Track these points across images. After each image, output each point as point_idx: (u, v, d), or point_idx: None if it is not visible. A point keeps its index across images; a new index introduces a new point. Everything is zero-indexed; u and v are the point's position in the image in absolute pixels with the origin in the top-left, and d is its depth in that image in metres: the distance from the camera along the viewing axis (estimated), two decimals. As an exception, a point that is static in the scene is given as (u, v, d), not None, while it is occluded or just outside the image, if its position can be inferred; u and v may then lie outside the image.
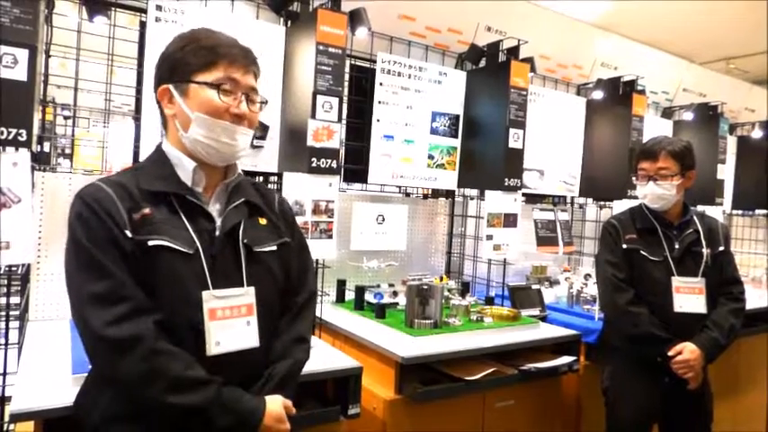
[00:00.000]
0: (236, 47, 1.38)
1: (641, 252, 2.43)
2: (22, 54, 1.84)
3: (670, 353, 2.30)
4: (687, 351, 2.29)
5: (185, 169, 1.36)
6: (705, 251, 2.43)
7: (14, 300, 2.17)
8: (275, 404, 1.36)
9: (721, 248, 2.48)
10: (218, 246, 1.35)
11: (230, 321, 1.32)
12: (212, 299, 1.30)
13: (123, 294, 1.22)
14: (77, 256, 1.24)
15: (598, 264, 2.58)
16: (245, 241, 1.39)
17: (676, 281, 2.39)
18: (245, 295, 1.36)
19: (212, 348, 1.29)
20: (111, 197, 1.27)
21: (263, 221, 1.48)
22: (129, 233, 1.25)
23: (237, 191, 1.44)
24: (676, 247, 2.43)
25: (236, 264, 1.37)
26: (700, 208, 4.21)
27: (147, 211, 1.28)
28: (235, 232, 1.38)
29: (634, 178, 2.50)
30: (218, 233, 1.35)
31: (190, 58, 1.34)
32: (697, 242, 2.44)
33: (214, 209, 1.39)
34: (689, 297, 2.38)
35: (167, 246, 1.27)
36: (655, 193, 2.41)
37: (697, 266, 2.42)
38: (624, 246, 2.45)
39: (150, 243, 1.25)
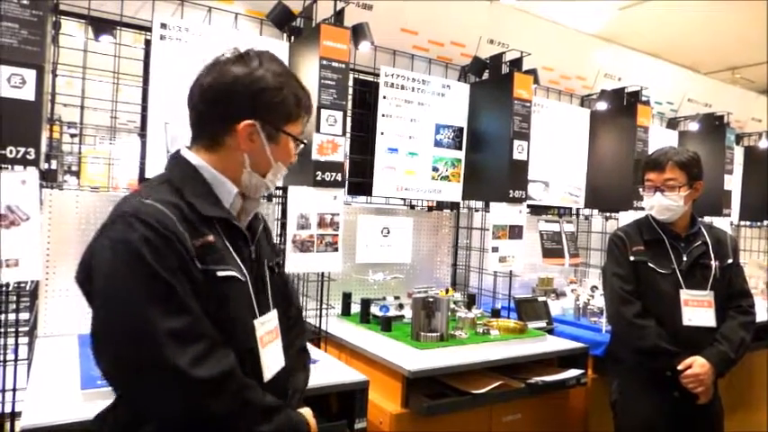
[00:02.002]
0: (309, 98, 1.39)
1: (649, 264, 2.40)
2: (30, 74, 1.87)
3: (679, 367, 2.26)
4: (697, 365, 2.25)
5: (228, 193, 1.30)
6: (714, 263, 2.39)
7: (24, 316, 2.18)
8: (309, 415, 1.42)
9: (730, 261, 2.44)
10: (257, 271, 1.35)
11: (271, 345, 1.35)
12: (260, 326, 1.31)
13: (202, 330, 1.14)
14: (151, 287, 1.10)
15: (605, 276, 2.56)
16: (270, 264, 1.41)
17: (684, 294, 2.35)
18: (274, 318, 1.38)
19: (267, 374, 1.31)
20: (173, 221, 1.16)
21: (265, 242, 1.49)
22: (197, 263, 1.17)
23: (255, 215, 1.43)
24: (684, 259, 2.39)
25: (264, 287, 1.38)
26: (707, 219, 4.20)
27: (210, 238, 1.21)
28: (261, 256, 1.39)
29: (641, 189, 2.49)
30: (254, 257, 1.35)
31: (287, 107, 1.31)
32: (705, 254, 2.41)
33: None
34: (697, 310, 2.35)
35: (234, 276, 1.24)
36: (662, 204, 2.38)
37: (705, 279, 2.38)
38: (631, 258, 2.43)
39: (220, 274, 1.21)
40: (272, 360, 1.33)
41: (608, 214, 4.32)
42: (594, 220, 4.43)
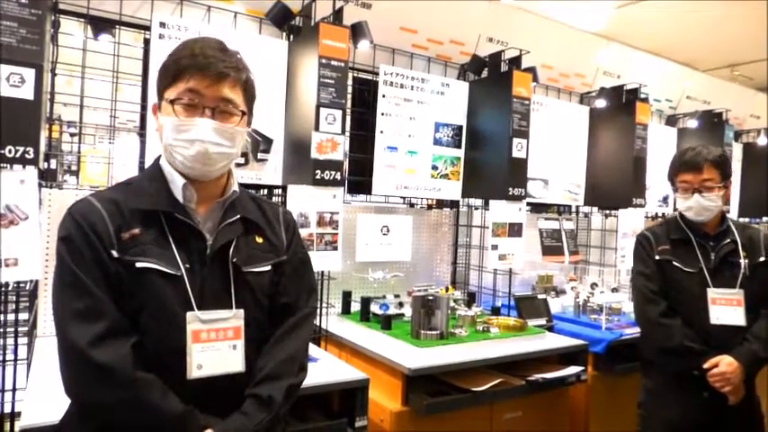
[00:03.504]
0: (205, 55, 1.27)
1: (674, 263, 2.35)
2: (29, 73, 1.87)
3: (705, 365, 2.21)
4: (724, 364, 2.19)
5: (177, 185, 1.32)
6: (743, 262, 2.33)
7: (23, 316, 2.18)
8: None
9: (762, 259, 2.36)
10: (208, 266, 1.30)
11: (215, 344, 1.28)
12: (196, 321, 1.26)
13: (101, 312, 1.20)
14: (62, 276, 1.23)
15: (633, 276, 2.55)
16: (234, 260, 1.33)
17: (712, 292, 2.29)
18: (233, 318, 1.31)
19: (193, 371, 1.25)
20: (100, 214, 1.25)
21: (259, 240, 1.41)
22: (114, 253, 1.23)
23: (234, 207, 1.37)
24: (712, 257, 2.34)
25: (226, 285, 1.32)
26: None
27: (136, 231, 1.25)
28: (225, 252, 1.32)
29: (674, 191, 2.43)
30: (208, 252, 1.30)
31: (162, 75, 1.32)
32: (734, 252, 2.34)
33: (206, 227, 1.33)
34: (726, 309, 2.28)
35: (154, 268, 1.24)
36: (702, 205, 2.32)
37: (734, 277, 2.31)
38: (657, 257, 2.39)
39: (138, 265, 1.23)
40: (210, 360, 1.28)
41: (607, 211, 4.32)
42: (594, 217, 4.44)
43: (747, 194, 5.21)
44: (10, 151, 1.84)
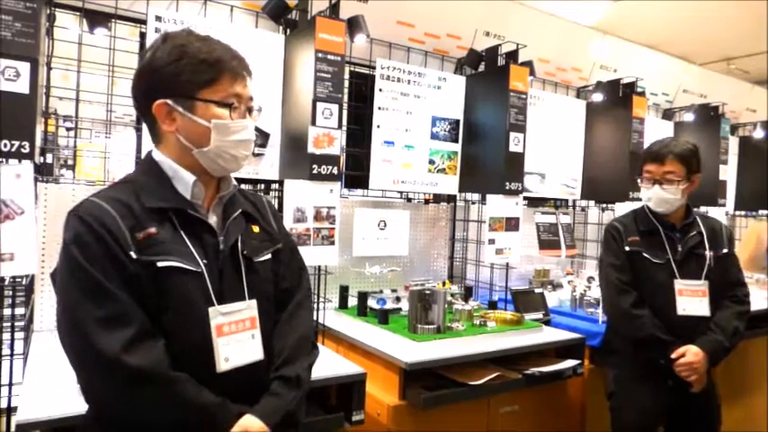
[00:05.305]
0: (234, 58, 1.33)
1: (644, 254, 2.42)
2: (24, 67, 1.86)
3: (673, 355, 2.28)
4: (690, 354, 2.27)
5: (184, 182, 1.32)
6: (708, 253, 2.41)
7: (19, 311, 2.18)
8: (250, 424, 1.28)
9: (725, 251, 2.46)
10: (222, 260, 1.33)
11: (236, 336, 1.32)
12: (218, 315, 1.29)
13: (130, 317, 1.18)
14: (78, 280, 1.18)
15: (601, 266, 2.58)
16: (244, 253, 1.37)
17: (679, 284, 2.37)
18: (248, 309, 1.36)
19: (222, 365, 1.28)
20: (111, 215, 1.22)
21: (256, 230, 1.46)
22: (133, 254, 1.21)
23: (232, 202, 1.42)
24: (679, 249, 2.41)
25: (238, 277, 1.36)
26: (702, 209, 4.22)
27: (152, 230, 1.24)
28: (235, 245, 1.36)
29: (639, 180, 2.49)
30: (221, 247, 1.33)
31: (190, 75, 1.28)
32: (700, 244, 2.43)
33: (212, 222, 1.36)
34: (692, 300, 2.36)
35: (177, 266, 1.24)
36: (660, 197, 2.39)
37: (700, 269, 2.40)
38: (627, 248, 2.45)
39: (160, 264, 1.23)
40: (234, 351, 1.31)
41: (604, 205, 4.34)
42: (591, 211, 4.45)
43: (744, 188, 5.23)
44: (5, 145, 1.83)
